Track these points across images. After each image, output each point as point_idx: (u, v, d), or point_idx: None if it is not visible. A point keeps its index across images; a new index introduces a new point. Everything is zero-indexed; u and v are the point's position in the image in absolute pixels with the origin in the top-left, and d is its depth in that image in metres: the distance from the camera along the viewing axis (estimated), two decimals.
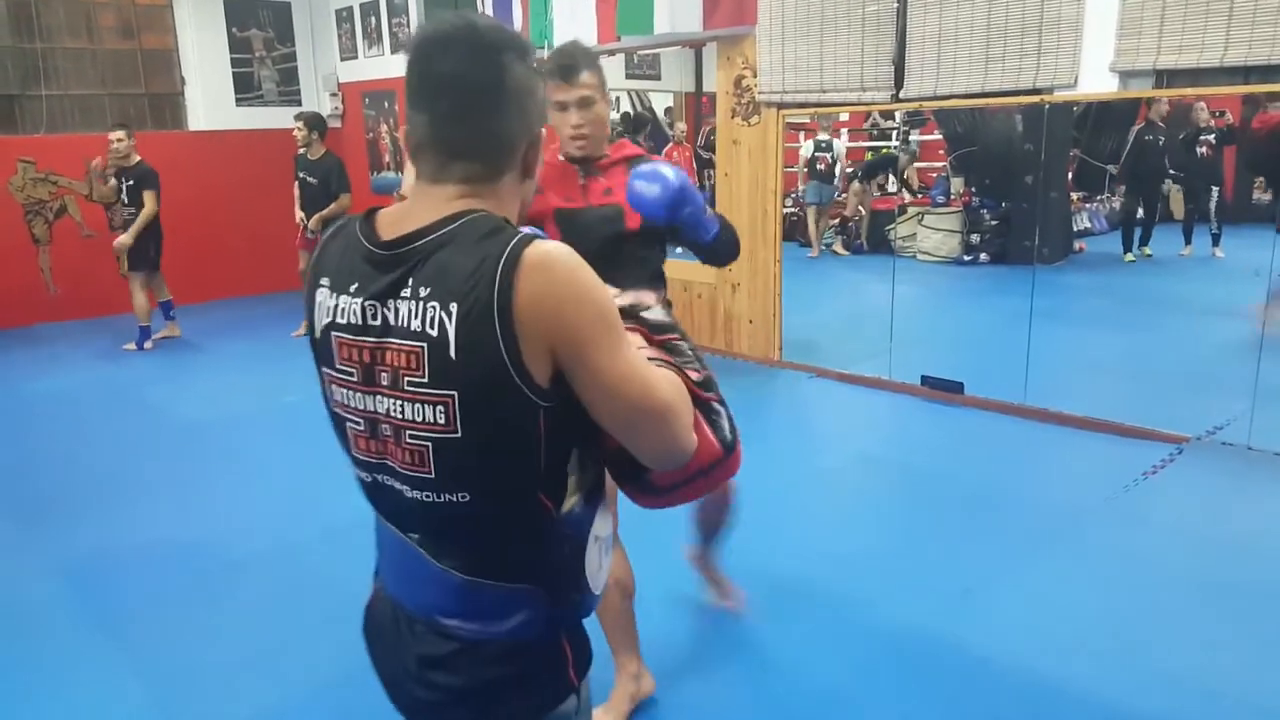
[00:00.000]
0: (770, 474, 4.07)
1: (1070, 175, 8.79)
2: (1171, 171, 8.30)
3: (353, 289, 1.04)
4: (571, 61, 2.02)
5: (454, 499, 1.05)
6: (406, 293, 1.00)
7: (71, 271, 7.79)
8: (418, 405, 1.01)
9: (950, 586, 2.97)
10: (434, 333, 0.98)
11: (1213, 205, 8.09)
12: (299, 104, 8.77)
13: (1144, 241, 8.40)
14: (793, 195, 9.31)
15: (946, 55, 4.53)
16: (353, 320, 1.04)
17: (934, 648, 2.64)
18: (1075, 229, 9.02)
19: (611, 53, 6.54)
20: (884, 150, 10.52)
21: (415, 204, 1.06)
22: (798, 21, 5.11)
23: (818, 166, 9.23)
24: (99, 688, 2.59)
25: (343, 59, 8.86)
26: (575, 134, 2.07)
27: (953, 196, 9.19)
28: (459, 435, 1.00)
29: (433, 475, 1.04)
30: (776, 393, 5.36)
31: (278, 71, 8.83)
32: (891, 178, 10.01)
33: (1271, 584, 2.94)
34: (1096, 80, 4.08)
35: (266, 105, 8.75)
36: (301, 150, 6.61)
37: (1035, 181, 7.44)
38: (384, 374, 1.03)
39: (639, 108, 10.87)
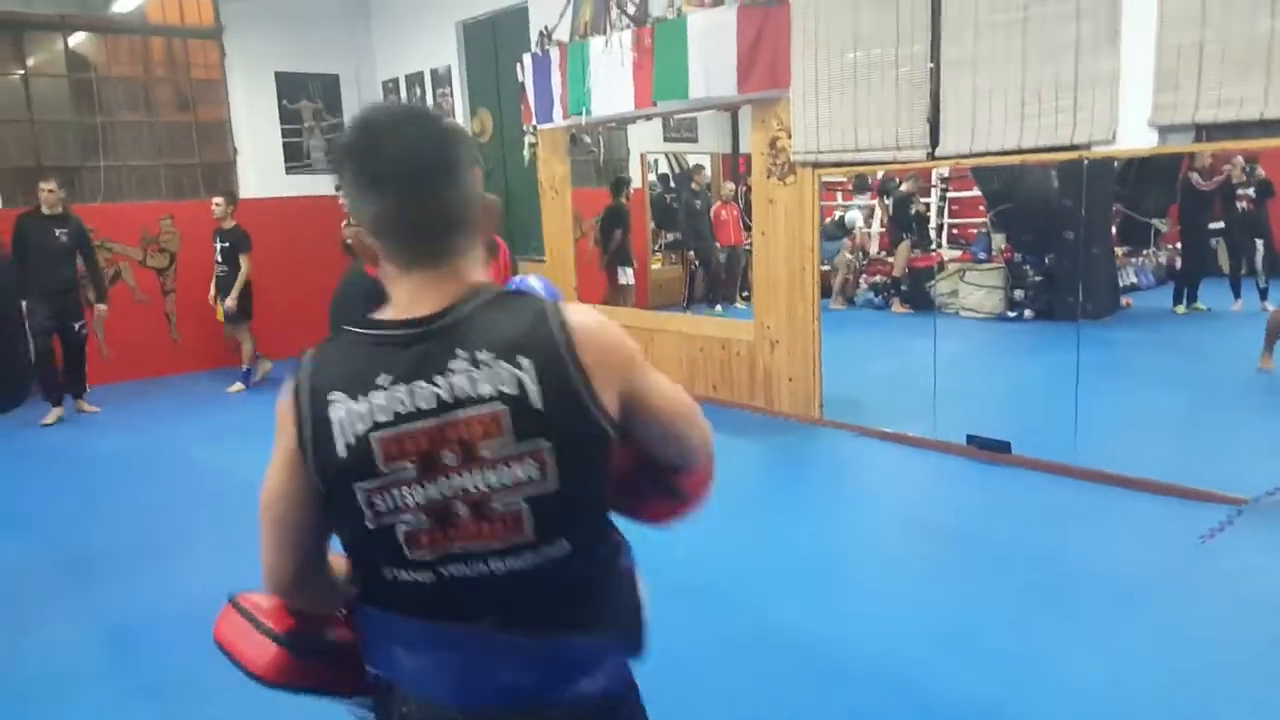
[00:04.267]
0: (814, 535, 4.01)
1: (1114, 230, 8.70)
2: (1213, 225, 8.19)
3: (383, 381, 1.01)
4: None
5: (554, 554, 1.06)
6: (458, 364, 1.01)
7: (123, 335, 8.00)
8: (504, 468, 1.01)
9: (1012, 656, 2.87)
10: (511, 390, 1.00)
11: (1259, 259, 7.95)
12: None
13: (1193, 296, 8.26)
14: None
15: (982, 113, 4.54)
16: (400, 410, 1.01)
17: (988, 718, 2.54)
18: (1121, 284, 8.89)
19: (649, 117, 6.67)
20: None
21: (418, 286, 1.06)
22: (830, 83, 5.16)
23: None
24: None
25: None
26: None
27: (994, 253, 9.13)
28: (555, 485, 1.03)
29: (531, 536, 1.04)
30: (818, 452, 5.29)
31: (326, 141, 9.10)
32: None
33: None
34: (1135, 135, 4.05)
35: (314, 173, 9.00)
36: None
37: (1077, 237, 7.36)
38: (450, 452, 1.01)
39: (678, 169, 11.01)
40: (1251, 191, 7.86)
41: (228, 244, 7.28)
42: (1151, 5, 3.90)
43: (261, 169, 8.80)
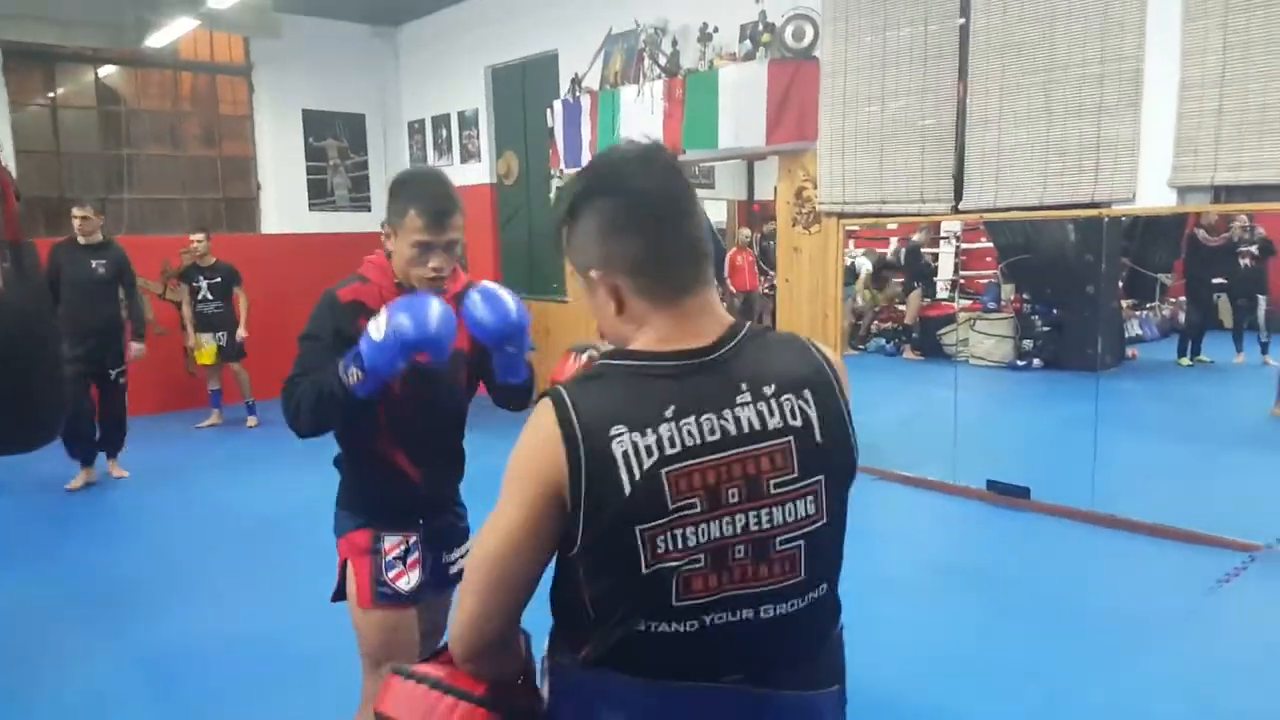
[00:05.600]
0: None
1: (1121, 283, 8.89)
2: (1216, 281, 8.39)
3: (669, 413, 0.98)
4: (446, 206, 1.94)
5: (816, 596, 1.05)
6: (742, 397, 1.00)
7: (140, 368, 8.04)
8: (789, 505, 1.00)
9: (1034, 697, 2.96)
10: (798, 423, 1.01)
11: (1261, 314, 8.15)
12: (369, 209, 9.19)
13: (1197, 349, 8.44)
14: None
15: (1005, 169, 4.72)
16: (689, 443, 0.97)
17: None
18: (1126, 336, 9.07)
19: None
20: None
21: (680, 319, 1.05)
22: (858, 137, 5.35)
23: None
24: None
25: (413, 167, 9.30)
26: (435, 276, 1.96)
27: (1003, 303, 9.32)
28: (825, 520, 1.03)
29: (803, 576, 1.02)
30: None
31: (350, 179, 9.27)
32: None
33: None
34: (1155, 195, 4.23)
35: (338, 210, 9.15)
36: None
37: (1097, 290, 7.53)
38: (734, 489, 0.99)
39: None
40: (1255, 249, 8.08)
41: (218, 279, 7.24)
42: (1173, 71, 4.10)
43: (284, 205, 8.94)
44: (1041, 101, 4.55)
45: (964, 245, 9.59)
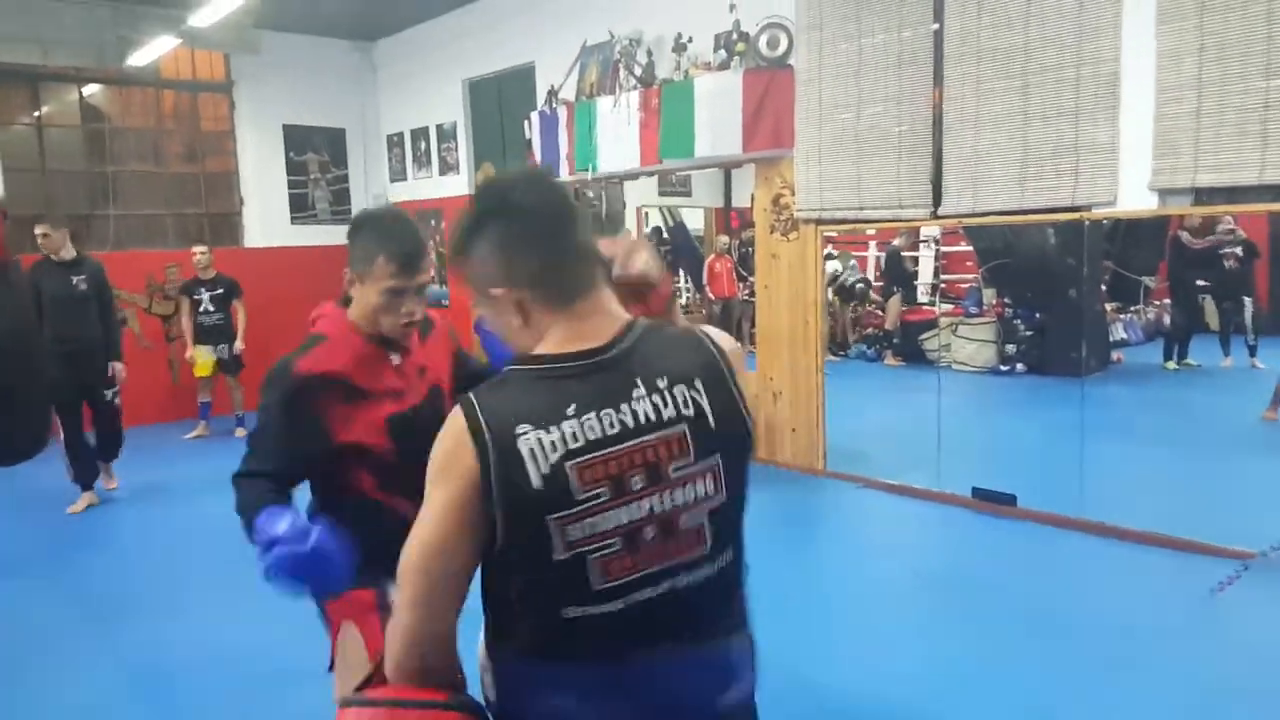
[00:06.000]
0: (821, 586, 4.05)
1: (1104, 287, 8.87)
2: (1200, 283, 8.37)
3: (570, 411, 1.06)
4: (417, 248, 1.87)
5: (723, 562, 1.15)
6: (638, 392, 1.09)
7: (126, 381, 7.99)
8: (688, 486, 1.10)
9: (1022, 709, 2.90)
10: (690, 412, 1.10)
11: (1248, 316, 8.12)
12: (350, 223, 9.13)
13: (1184, 353, 8.41)
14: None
15: (984, 174, 4.69)
16: (591, 437, 1.06)
17: None
18: (1111, 339, 9.04)
19: (652, 173, 6.83)
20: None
21: (576, 321, 1.13)
22: (835, 143, 5.32)
23: None
24: None
25: (392, 180, 9.27)
26: (407, 321, 1.88)
27: (985, 307, 9.30)
28: (725, 496, 1.13)
29: (709, 547, 1.13)
30: (824, 502, 5.34)
31: (331, 192, 9.24)
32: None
33: None
34: (1135, 197, 4.20)
35: (319, 224, 9.12)
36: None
37: (1079, 294, 7.50)
38: (638, 476, 1.07)
39: (671, 222, 11.20)
40: (1239, 250, 8.06)
41: (220, 290, 7.29)
42: (1149, 74, 4.08)
43: (267, 219, 8.91)
44: (1018, 105, 4.52)
45: (944, 249, 9.59)
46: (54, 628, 3.89)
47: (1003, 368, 8.74)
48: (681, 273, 10.71)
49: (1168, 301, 8.86)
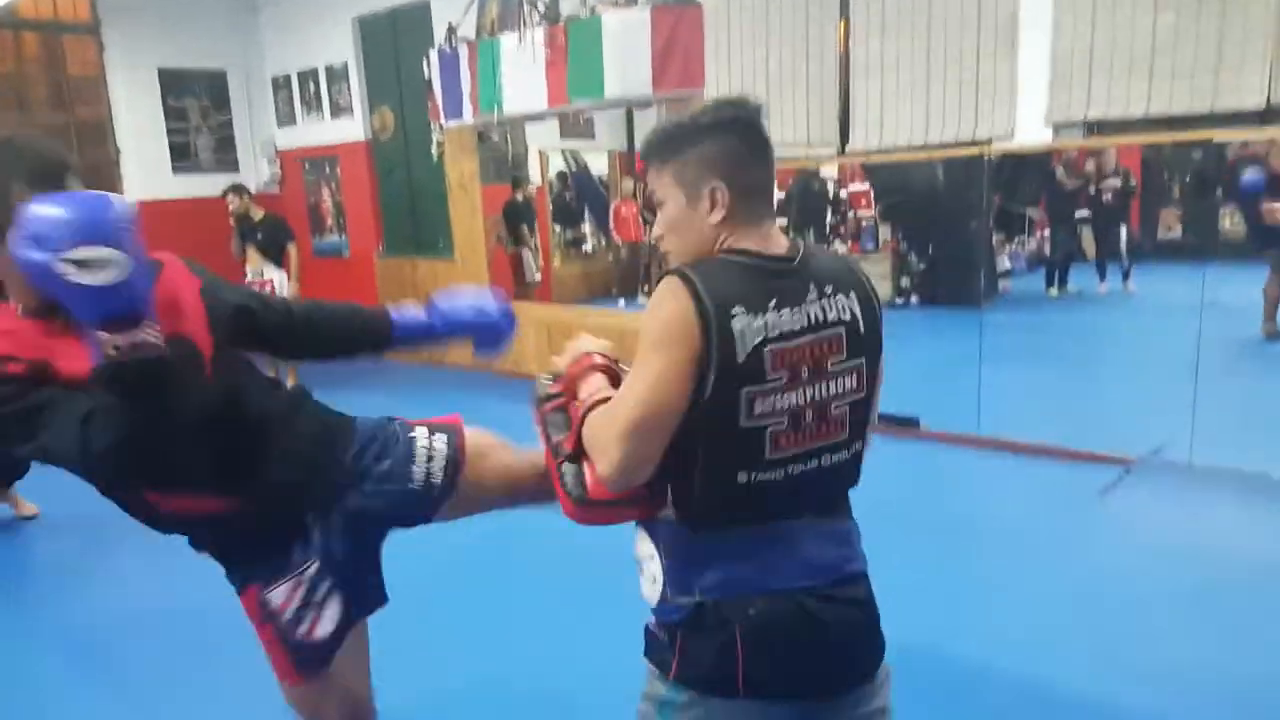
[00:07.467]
0: None
1: (991, 220, 9.28)
2: (1079, 215, 8.85)
3: (773, 304, 1.24)
4: None
5: (855, 450, 1.35)
6: (812, 295, 1.28)
7: None
8: (840, 379, 1.29)
9: (936, 619, 3.07)
10: (847, 317, 1.30)
11: (1123, 244, 8.66)
12: (236, 171, 8.74)
13: (1064, 280, 8.91)
14: None
15: (889, 111, 4.84)
16: (785, 330, 1.24)
17: (929, 659, 2.77)
18: (998, 270, 9.48)
19: (558, 114, 6.75)
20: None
21: (768, 234, 1.32)
22: (743, 83, 5.38)
23: None
24: None
25: (280, 125, 8.89)
26: None
27: (881, 243, 9.61)
28: (864, 393, 1.33)
29: (846, 434, 1.32)
30: None
31: (214, 139, 8.80)
32: None
33: (1227, 583, 3.19)
34: (1032, 131, 4.42)
35: (203, 172, 8.68)
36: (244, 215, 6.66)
37: (979, 226, 7.81)
38: (806, 367, 1.26)
39: (574, 166, 11.09)
40: (1117, 182, 8.54)
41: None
42: (1046, 11, 4.26)
43: (147, 169, 8.42)
44: (923, 44, 4.67)
45: (848, 189, 9.83)
46: None
47: (898, 300, 9.08)
48: (587, 217, 10.66)
49: (1049, 232, 9.35)
